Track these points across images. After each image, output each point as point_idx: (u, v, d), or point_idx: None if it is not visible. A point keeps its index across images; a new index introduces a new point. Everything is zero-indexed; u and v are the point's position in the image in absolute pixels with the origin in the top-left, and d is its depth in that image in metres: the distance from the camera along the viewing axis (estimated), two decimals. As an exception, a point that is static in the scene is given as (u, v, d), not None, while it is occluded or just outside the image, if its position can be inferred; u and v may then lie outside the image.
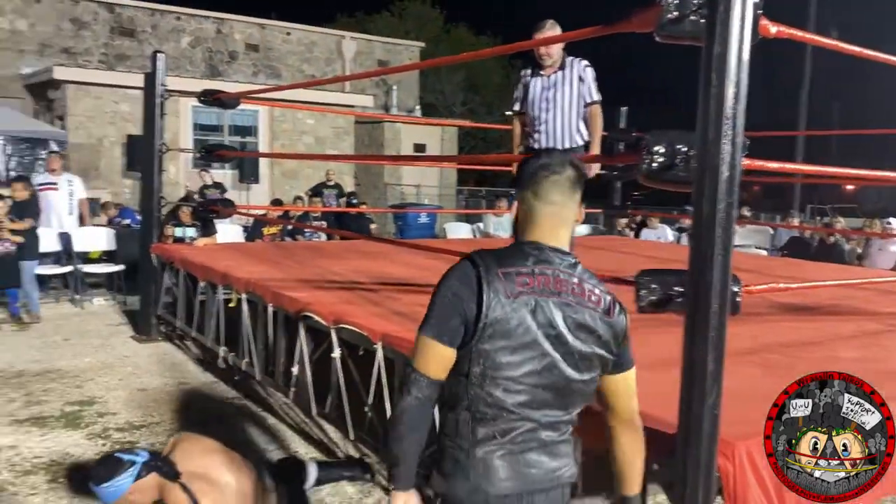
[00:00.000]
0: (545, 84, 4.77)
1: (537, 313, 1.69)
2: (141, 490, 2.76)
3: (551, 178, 1.77)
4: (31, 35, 14.86)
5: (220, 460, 3.03)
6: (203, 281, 5.57)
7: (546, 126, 4.75)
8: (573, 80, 4.72)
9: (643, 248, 8.29)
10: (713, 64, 2.01)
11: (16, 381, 5.15)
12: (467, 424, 1.73)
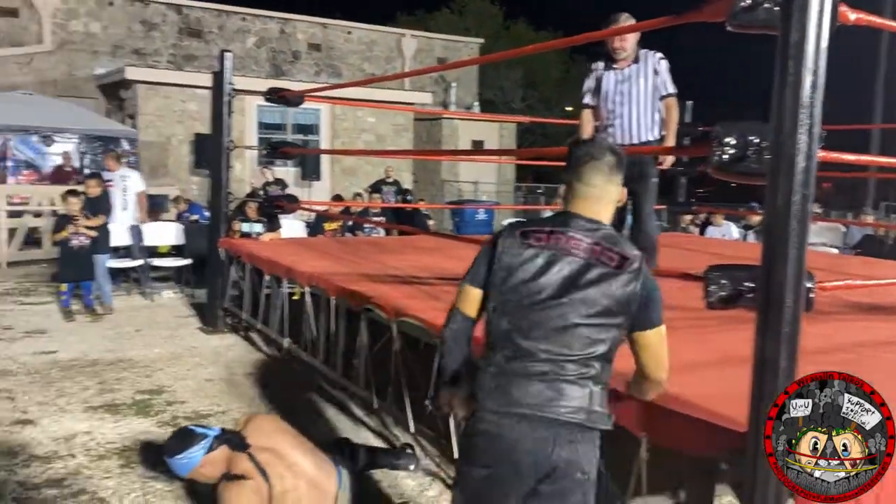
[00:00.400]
0: (619, 77, 4.65)
1: (546, 264, 1.99)
2: (212, 462, 2.85)
3: (591, 164, 2.06)
4: (104, 37, 15.43)
5: (289, 440, 3.11)
6: (268, 274, 5.69)
7: (621, 120, 4.64)
8: (648, 73, 4.60)
9: (708, 245, 8.10)
10: (790, 52, 1.95)
11: (90, 370, 5.35)
12: (485, 351, 2.07)
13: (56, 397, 4.73)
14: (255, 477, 2.86)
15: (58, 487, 3.48)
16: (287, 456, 3.00)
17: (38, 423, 4.28)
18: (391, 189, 13.35)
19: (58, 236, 6.94)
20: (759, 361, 2.06)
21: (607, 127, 4.71)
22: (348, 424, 4.49)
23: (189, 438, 2.89)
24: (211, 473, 2.90)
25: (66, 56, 15.08)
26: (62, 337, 6.27)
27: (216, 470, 2.89)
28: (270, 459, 2.93)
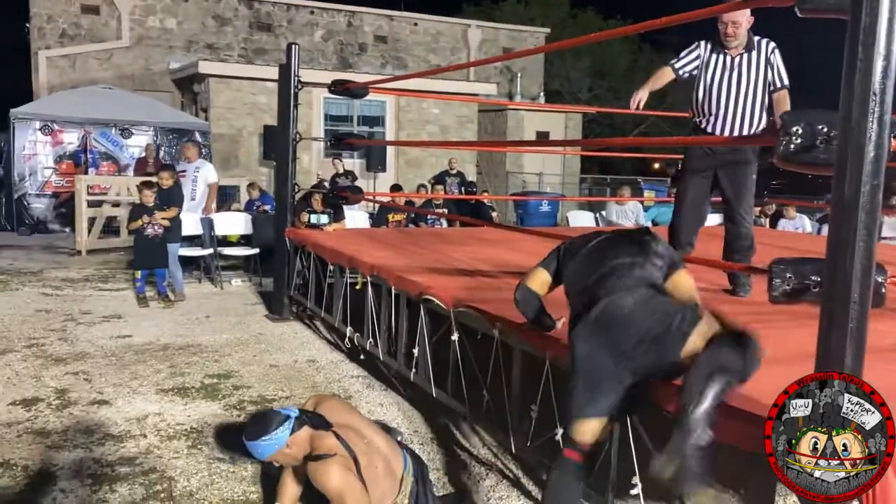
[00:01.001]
0: (728, 64, 4.32)
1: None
2: (297, 443, 2.85)
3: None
4: (178, 32, 15.93)
5: (361, 418, 3.17)
6: (332, 264, 5.80)
7: (725, 112, 4.33)
8: (760, 63, 4.29)
9: (779, 238, 7.85)
10: (860, 36, 1.87)
11: (162, 354, 5.56)
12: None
13: (130, 379, 4.93)
14: (342, 453, 2.86)
15: (130, 465, 3.64)
16: (365, 434, 3.04)
17: (113, 403, 4.48)
18: (455, 180, 13.40)
19: (132, 225, 7.21)
20: (824, 359, 2.00)
21: (708, 116, 4.40)
22: (410, 412, 4.54)
23: (272, 420, 2.87)
24: (296, 454, 2.89)
25: (143, 51, 15.63)
26: (136, 322, 6.53)
27: (301, 450, 2.89)
28: (353, 438, 2.95)
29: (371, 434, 3.08)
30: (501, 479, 3.67)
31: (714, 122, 4.38)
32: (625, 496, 2.94)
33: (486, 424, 3.82)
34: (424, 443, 4.08)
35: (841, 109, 1.95)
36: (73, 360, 5.32)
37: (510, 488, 3.58)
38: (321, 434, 2.89)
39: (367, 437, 3.02)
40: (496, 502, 3.44)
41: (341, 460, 2.83)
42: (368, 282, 5.07)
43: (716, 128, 4.39)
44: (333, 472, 2.78)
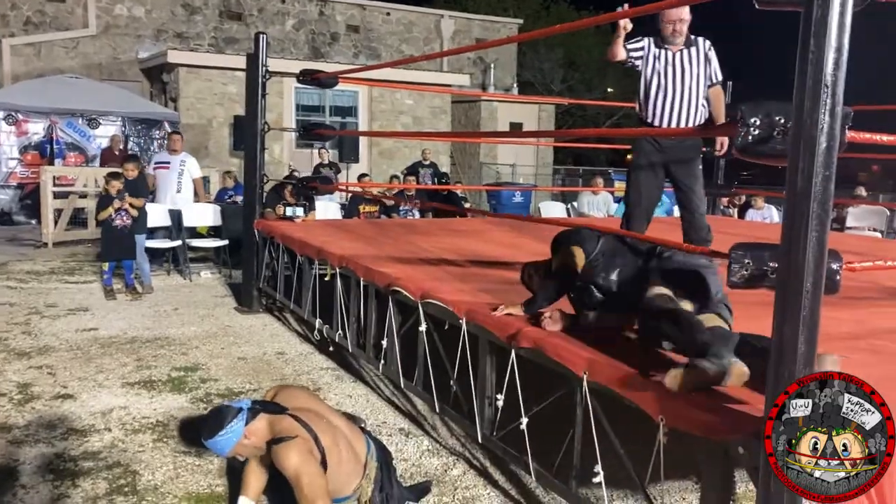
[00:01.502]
0: (671, 60, 4.55)
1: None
2: (255, 433, 2.85)
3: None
4: (147, 20, 15.68)
5: (322, 403, 3.18)
6: (300, 255, 5.76)
7: (671, 106, 4.53)
8: (700, 59, 4.54)
9: (746, 228, 7.95)
10: (812, 29, 1.89)
11: (128, 347, 5.50)
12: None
13: (95, 373, 4.87)
14: (302, 435, 2.84)
15: (93, 460, 3.60)
16: (324, 415, 3.04)
17: (78, 397, 4.42)
18: (428, 171, 13.37)
19: (102, 215, 7.11)
20: (777, 345, 2.03)
21: (654, 108, 4.59)
22: (378, 403, 4.54)
23: (226, 415, 2.86)
24: (256, 443, 2.89)
25: (111, 40, 15.37)
26: (103, 315, 6.45)
27: (261, 439, 2.88)
28: (313, 418, 2.94)
29: (332, 417, 3.09)
30: (468, 469, 3.69)
31: (661, 115, 4.57)
32: (588, 484, 2.97)
33: (453, 415, 3.84)
34: (392, 433, 4.08)
35: (794, 101, 1.97)
36: (37, 353, 5.24)
37: (477, 477, 3.60)
38: (279, 418, 2.89)
39: (327, 419, 3.02)
40: (463, 491, 3.46)
41: (301, 442, 2.82)
42: (337, 273, 5.05)
43: (662, 122, 4.57)
44: (292, 453, 2.77)
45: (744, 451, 2.16)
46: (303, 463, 2.75)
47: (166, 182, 8.63)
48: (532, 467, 3.12)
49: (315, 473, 2.78)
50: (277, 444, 2.81)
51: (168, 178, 8.60)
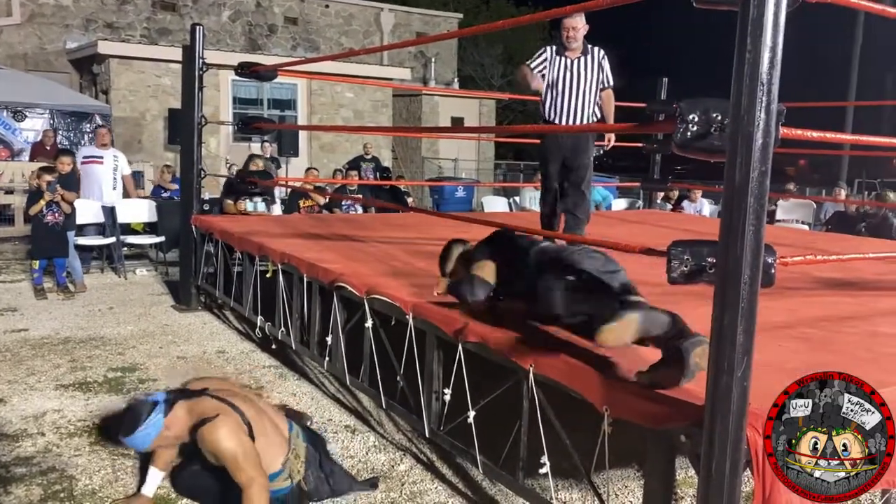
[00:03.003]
0: (569, 66, 5.13)
1: None
2: (175, 422, 2.82)
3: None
4: (75, 10, 15.13)
5: (237, 384, 3.22)
6: (240, 251, 5.66)
7: (568, 105, 5.14)
8: (594, 66, 5.16)
9: (681, 221, 8.17)
10: (748, 28, 1.95)
11: (62, 348, 5.31)
12: None
13: (26, 375, 4.70)
14: (225, 411, 2.82)
15: (26, 465, 3.47)
16: (241, 392, 3.05)
17: (8, 401, 4.26)
18: (370, 166, 13.28)
19: (34, 209, 6.84)
20: (717, 335, 2.09)
21: (554, 108, 5.18)
22: (323, 401, 4.50)
23: (142, 410, 2.80)
24: (178, 433, 2.86)
25: (37, 29, 14.78)
26: (33, 315, 6.22)
27: (182, 427, 2.85)
28: (229, 394, 2.94)
29: (250, 394, 3.13)
30: (416, 464, 3.69)
31: (560, 115, 5.18)
32: (534, 475, 3.01)
33: (400, 410, 3.83)
34: (338, 430, 4.05)
35: (731, 98, 2.03)
36: (-37, 356, 5.03)
37: (424, 472, 3.61)
38: (198, 401, 2.86)
39: (245, 395, 3.04)
40: (411, 486, 3.46)
41: (227, 419, 2.79)
42: (279, 270, 4.98)
43: (560, 121, 5.19)
44: (222, 432, 2.74)
45: (686, 438, 2.22)
46: (232, 438, 2.74)
47: (98, 177, 8.35)
48: (479, 460, 3.15)
49: (247, 445, 2.77)
50: (202, 427, 2.78)
51: (101, 174, 8.32)
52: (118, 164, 8.52)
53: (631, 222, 7.82)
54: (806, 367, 2.17)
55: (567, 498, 3.37)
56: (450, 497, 3.38)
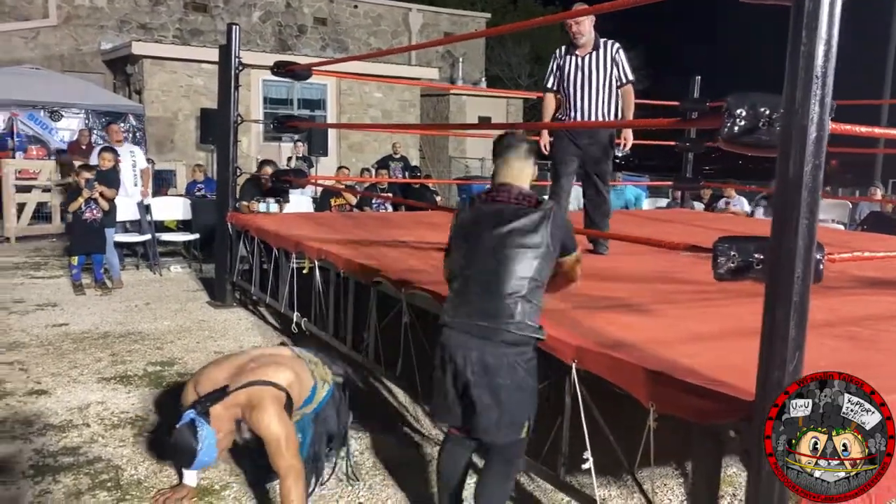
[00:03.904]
0: (578, 64, 4.91)
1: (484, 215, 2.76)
2: (220, 423, 2.94)
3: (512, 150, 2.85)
4: (110, 11, 15.36)
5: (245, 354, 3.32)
6: (276, 248, 5.72)
7: (581, 106, 4.93)
8: (606, 61, 4.87)
9: (715, 220, 8.10)
10: (804, 21, 1.94)
11: (102, 342, 5.41)
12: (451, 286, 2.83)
13: (69, 368, 4.79)
14: (257, 395, 2.94)
15: (73, 455, 3.54)
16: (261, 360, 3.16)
17: (52, 393, 4.35)
18: (398, 165, 13.33)
19: (73, 206, 6.96)
20: (768, 331, 2.08)
21: (568, 111, 4.99)
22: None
23: (186, 434, 2.86)
24: (228, 428, 2.99)
25: (73, 30, 15.02)
26: (73, 310, 6.33)
27: (229, 422, 2.98)
28: (249, 374, 3.02)
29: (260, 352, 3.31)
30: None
31: (574, 115, 4.96)
32: (574, 472, 3.01)
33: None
34: (374, 425, 4.08)
35: (785, 92, 2.02)
36: (7, 349, 5.13)
37: (462, 467, 3.62)
38: (227, 401, 2.95)
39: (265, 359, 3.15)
40: (449, 481, 3.47)
41: (264, 403, 2.92)
42: (316, 266, 5.02)
43: (574, 120, 4.96)
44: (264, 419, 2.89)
45: (735, 434, 2.22)
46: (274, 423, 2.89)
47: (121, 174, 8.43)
48: (520, 455, 3.15)
49: (289, 429, 2.93)
50: (250, 414, 2.93)
51: (123, 171, 8.40)
52: (135, 159, 8.59)
53: (663, 221, 7.77)
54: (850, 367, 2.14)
55: (606, 495, 3.37)
56: (489, 492, 3.39)
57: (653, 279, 4.43)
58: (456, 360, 2.66)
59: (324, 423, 3.29)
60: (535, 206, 2.71)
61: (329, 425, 3.32)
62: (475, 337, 2.63)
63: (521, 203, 2.73)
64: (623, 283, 4.23)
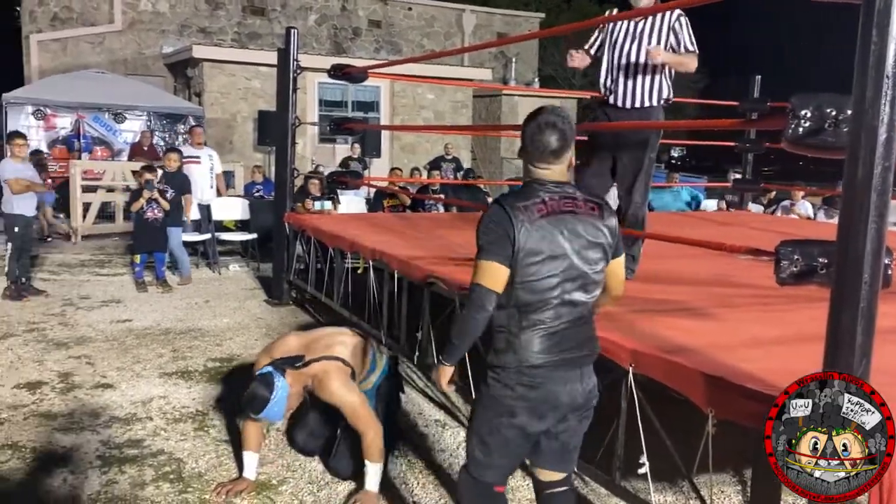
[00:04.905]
0: (630, 31, 4.07)
1: (555, 228, 2.23)
2: (294, 381, 3.15)
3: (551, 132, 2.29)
4: (171, 16, 15.78)
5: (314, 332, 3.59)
6: (332, 248, 5.81)
7: (621, 80, 4.12)
8: (662, 31, 4.01)
9: (773, 223, 7.91)
10: (874, 19, 1.89)
11: (163, 338, 5.57)
12: (514, 317, 2.26)
13: (132, 363, 4.94)
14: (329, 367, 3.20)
15: (137, 448, 3.66)
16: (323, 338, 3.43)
17: (117, 387, 4.50)
18: (450, 166, 13.37)
19: (135, 206, 7.19)
20: (834, 336, 2.03)
21: (608, 84, 4.20)
22: (412, 395, 4.57)
23: (265, 381, 3.07)
24: (299, 389, 3.20)
25: (136, 35, 15.48)
26: (136, 306, 6.53)
27: (300, 385, 3.20)
28: (319, 349, 3.29)
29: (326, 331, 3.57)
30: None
31: (616, 91, 4.15)
32: (628, 476, 2.98)
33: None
34: (428, 425, 4.11)
35: (854, 92, 1.97)
36: (75, 344, 5.33)
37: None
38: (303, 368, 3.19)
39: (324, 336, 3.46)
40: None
41: (337, 373, 3.20)
42: (370, 266, 5.08)
43: (617, 98, 4.16)
44: (336, 386, 3.17)
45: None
46: (346, 391, 3.18)
47: (197, 177, 8.67)
48: (574, 458, 3.14)
49: (361, 394, 3.24)
50: (321, 383, 3.19)
51: (198, 174, 8.63)
52: (213, 163, 8.85)
53: (719, 223, 7.62)
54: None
55: (661, 501, 3.33)
56: (542, 494, 3.38)
57: (710, 282, 4.36)
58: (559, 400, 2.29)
59: (383, 396, 3.57)
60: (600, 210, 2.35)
61: (387, 397, 3.62)
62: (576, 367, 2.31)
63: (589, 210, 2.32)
64: (679, 286, 4.17)
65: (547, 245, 2.21)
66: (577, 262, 2.25)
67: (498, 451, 2.34)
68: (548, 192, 2.28)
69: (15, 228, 6.55)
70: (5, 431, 3.79)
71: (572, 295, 2.25)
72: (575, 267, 2.25)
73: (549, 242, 2.22)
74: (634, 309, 3.41)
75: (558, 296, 2.24)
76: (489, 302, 2.23)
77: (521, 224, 2.20)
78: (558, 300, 2.24)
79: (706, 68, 25.63)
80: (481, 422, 2.37)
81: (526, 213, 2.22)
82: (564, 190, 2.31)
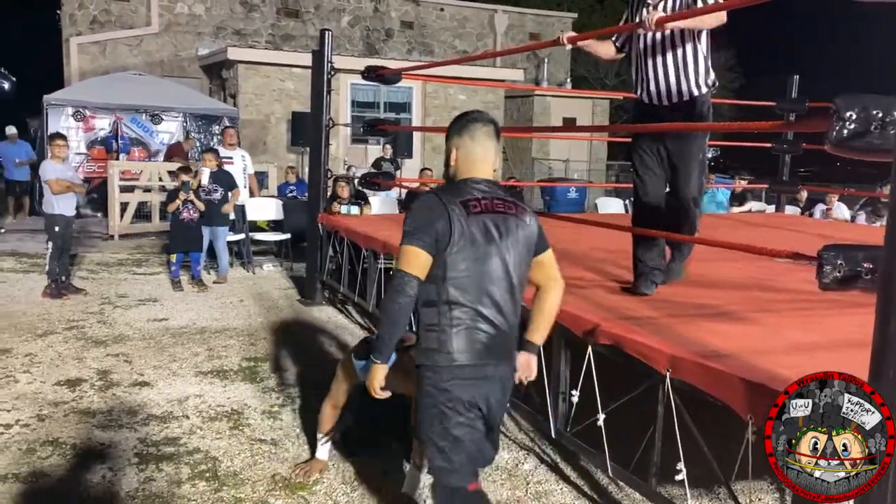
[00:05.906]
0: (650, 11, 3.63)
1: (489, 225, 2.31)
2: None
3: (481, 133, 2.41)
4: (207, 18, 16.00)
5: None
6: (365, 249, 5.83)
7: (654, 70, 3.76)
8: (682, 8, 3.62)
9: (812, 226, 7.77)
10: (924, 19, 1.84)
11: (199, 337, 5.64)
12: (445, 314, 2.29)
13: (169, 361, 5.01)
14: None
15: (174, 445, 3.71)
16: None
17: (154, 385, 4.56)
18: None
19: (171, 206, 7.30)
20: (880, 343, 1.98)
21: (641, 80, 3.84)
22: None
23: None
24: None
25: (172, 37, 15.72)
26: (172, 305, 6.62)
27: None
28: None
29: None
30: (539, 464, 3.69)
31: (646, 85, 3.81)
32: (664, 482, 2.95)
33: (525, 410, 3.84)
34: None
35: (902, 94, 1.92)
36: (113, 342, 5.42)
37: (549, 472, 3.60)
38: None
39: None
40: (536, 486, 3.46)
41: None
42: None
43: (649, 91, 3.82)
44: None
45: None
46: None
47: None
48: (609, 464, 3.11)
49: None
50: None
51: (233, 174, 8.73)
52: (246, 163, 8.94)
53: (755, 225, 7.51)
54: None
55: (698, 507, 3.28)
56: (576, 499, 3.37)
57: (748, 286, 4.30)
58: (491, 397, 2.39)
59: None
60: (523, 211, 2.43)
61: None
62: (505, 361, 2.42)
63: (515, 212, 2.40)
64: (716, 290, 4.11)
65: (481, 240, 2.28)
66: (508, 258, 2.33)
67: (455, 452, 2.34)
68: (480, 191, 2.36)
69: (55, 228, 6.68)
70: (46, 428, 3.86)
71: (502, 292, 2.33)
72: (505, 263, 2.33)
73: (484, 238, 2.29)
74: (672, 313, 3.37)
75: (488, 293, 2.30)
76: (411, 287, 2.26)
77: (456, 218, 2.26)
78: (488, 297, 2.30)
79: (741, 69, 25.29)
80: (429, 429, 2.35)
81: (463, 208, 2.29)
82: (495, 190, 2.40)
